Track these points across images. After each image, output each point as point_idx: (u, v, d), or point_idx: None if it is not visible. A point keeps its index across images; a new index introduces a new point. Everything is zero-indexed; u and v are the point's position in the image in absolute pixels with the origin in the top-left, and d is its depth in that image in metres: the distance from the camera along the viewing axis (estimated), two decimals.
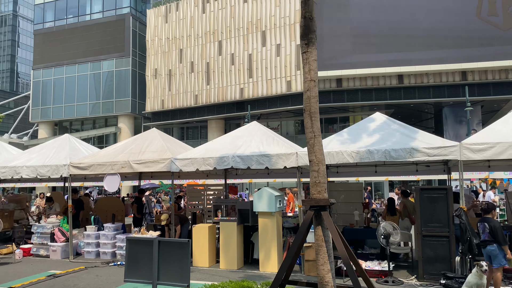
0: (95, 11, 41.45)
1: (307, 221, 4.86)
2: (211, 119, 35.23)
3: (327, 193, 5.06)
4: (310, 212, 4.84)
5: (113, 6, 40.71)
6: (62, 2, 43.04)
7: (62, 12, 42.88)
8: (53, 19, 43.19)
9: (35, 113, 43.38)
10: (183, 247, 4.27)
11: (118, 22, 40.05)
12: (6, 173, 11.45)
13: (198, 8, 35.03)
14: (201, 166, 9.50)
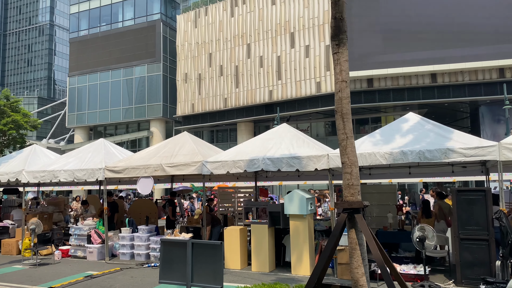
0: (127, 18, 42.55)
1: (340, 224, 4.80)
2: (240, 122, 35.43)
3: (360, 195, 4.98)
4: (343, 215, 4.78)
5: (144, 13, 41.66)
6: (96, 11, 44.42)
7: (96, 21, 44.25)
8: (87, 27, 44.64)
9: (71, 119, 44.89)
10: (216, 249, 4.30)
11: (149, 29, 40.95)
12: (45, 177, 11.89)
13: (227, 12, 35.35)
14: (232, 168, 9.56)
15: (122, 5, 42.84)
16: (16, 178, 12.28)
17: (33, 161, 13.02)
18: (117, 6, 43.17)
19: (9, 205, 15.71)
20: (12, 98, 37.00)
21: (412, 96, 27.81)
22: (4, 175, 12.45)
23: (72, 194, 37.75)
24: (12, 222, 13.30)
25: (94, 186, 19.40)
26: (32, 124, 37.58)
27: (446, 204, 9.71)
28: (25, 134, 37.27)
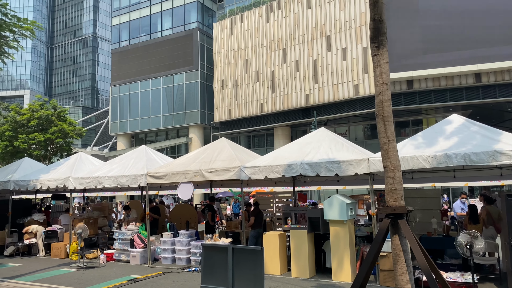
0: (166, 28, 43.70)
1: (383, 230, 4.68)
2: (277, 127, 35.42)
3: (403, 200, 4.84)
4: (386, 221, 4.66)
5: (182, 22, 42.65)
6: (136, 22, 45.93)
7: (136, 31, 45.75)
8: (128, 38, 46.22)
9: (114, 127, 46.50)
10: (257, 255, 4.30)
11: (187, 37, 41.86)
12: (90, 183, 12.36)
13: (262, 18, 35.56)
14: (270, 173, 9.56)
15: (161, 15, 44.08)
16: (63, 184, 12.84)
17: (79, 168, 13.57)
18: (156, 16, 44.46)
19: (57, 210, 16.43)
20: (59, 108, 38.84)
21: (455, 97, 26.81)
22: (53, 181, 13.05)
23: (115, 199, 39.02)
24: (60, 227, 13.89)
25: (136, 191, 19.96)
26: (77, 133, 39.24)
27: (495, 209, 9.26)
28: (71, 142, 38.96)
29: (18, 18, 14.05)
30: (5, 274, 10.23)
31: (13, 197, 15.48)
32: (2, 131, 35.55)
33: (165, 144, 43.28)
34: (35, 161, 16.61)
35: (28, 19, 14.56)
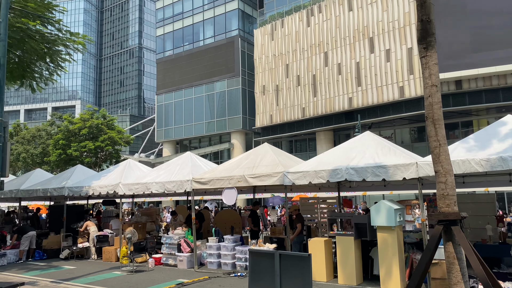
0: (207, 36, 44.61)
1: (436, 237, 4.51)
2: (320, 131, 35.09)
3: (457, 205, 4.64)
4: (439, 227, 4.48)
5: (223, 30, 43.36)
6: (179, 32, 47.21)
7: (179, 41, 47.00)
8: (171, 47, 47.58)
9: (160, 134, 47.88)
10: (304, 261, 4.27)
11: (228, 45, 42.49)
12: (139, 189, 12.78)
13: (303, 22, 35.46)
14: (314, 179, 9.47)
15: (203, 24, 45.05)
16: (114, 190, 13.35)
17: (128, 175, 14.07)
18: (198, 25, 45.49)
19: (108, 215, 17.10)
20: (108, 117, 40.55)
21: (509, 97, 25.43)
22: (104, 187, 13.61)
23: (162, 204, 40.08)
24: (111, 231, 14.44)
25: (182, 197, 20.38)
26: (125, 140, 40.78)
27: None
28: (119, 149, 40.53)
29: (71, 33, 14.82)
30: (61, 276, 10.76)
31: (67, 203, 16.27)
32: (57, 139, 37.57)
33: (208, 150, 44.02)
34: (87, 168, 17.40)
35: (79, 33, 15.36)
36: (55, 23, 14.32)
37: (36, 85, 16.10)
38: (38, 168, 19.71)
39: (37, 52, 14.12)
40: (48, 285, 9.54)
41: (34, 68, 15.49)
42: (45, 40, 14.28)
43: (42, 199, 20.14)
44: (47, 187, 14.97)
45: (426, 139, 30.45)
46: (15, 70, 14.59)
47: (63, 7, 15.19)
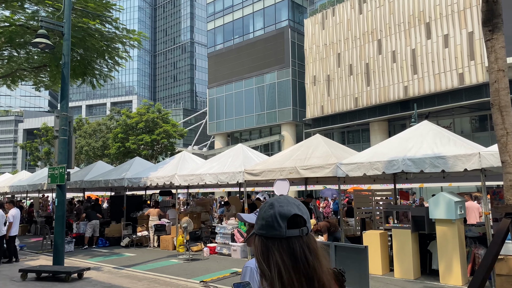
0: (257, 28, 44.67)
1: (503, 230, 4.25)
2: (373, 122, 34.13)
3: None
4: (506, 220, 4.22)
5: (273, 21, 43.22)
6: (229, 25, 47.67)
7: (230, 34, 47.48)
8: (222, 41, 48.18)
9: (212, 127, 48.84)
10: (361, 253, 4.20)
11: (278, 36, 42.31)
12: (193, 180, 13.15)
13: (355, 9, 34.50)
14: (368, 170, 9.25)
15: (253, 16, 45.15)
16: (170, 181, 13.83)
17: (183, 166, 14.51)
18: (248, 18, 45.67)
19: (164, 205, 17.75)
20: (163, 111, 41.93)
21: None
22: (161, 178, 14.13)
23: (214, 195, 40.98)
24: (168, 221, 14.98)
25: (234, 188, 20.71)
26: (179, 133, 42.00)
27: None
28: (174, 142, 41.84)
29: (127, 30, 15.43)
30: (123, 263, 11.34)
31: (126, 193, 17.07)
32: (116, 133, 39.47)
33: (258, 142, 44.31)
34: (145, 160, 18.14)
35: (135, 30, 15.95)
36: (113, 21, 14.95)
37: (96, 82, 16.96)
38: (99, 161, 20.83)
39: (97, 50, 14.85)
40: (111, 271, 10.09)
41: (94, 66, 16.32)
42: (104, 38, 14.98)
43: (104, 189, 21.28)
44: (108, 178, 15.79)
45: (488, 128, 28.68)
46: (77, 67, 15.45)
47: (120, 5, 15.82)
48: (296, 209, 1.35)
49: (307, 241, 1.31)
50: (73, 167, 10.81)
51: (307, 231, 1.32)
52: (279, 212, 1.32)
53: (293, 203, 1.37)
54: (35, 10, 14.63)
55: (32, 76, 18.99)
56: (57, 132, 10.17)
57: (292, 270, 1.26)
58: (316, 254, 1.30)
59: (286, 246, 1.29)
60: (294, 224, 1.31)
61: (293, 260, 1.27)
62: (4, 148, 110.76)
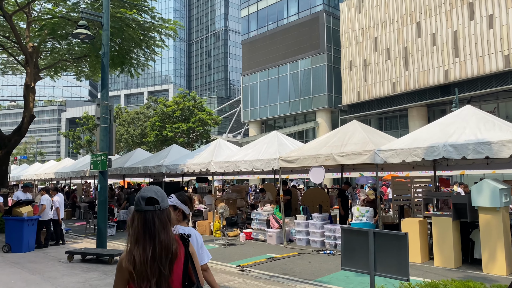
0: (292, 13, 44.12)
1: None
2: (412, 107, 33.16)
3: None
4: None
5: (308, 6, 42.53)
6: (263, 11, 47.32)
7: (263, 21, 47.17)
8: (256, 28, 47.96)
9: (246, 114, 49.02)
10: (401, 240, 4.12)
11: (313, 21, 41.63)
12: (229, 167, 13.28)
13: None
14: (407, 157, 9.02)
15: (287, 1, 44.59)
16: (206, 168, 14.04)
17: (218, 153, 14.68)
18: (282, 3, 45.15)
19: (201, 191, 18.08)
20: (198, 99, 42.44)
21: None
22: (197, 165, 14.37)
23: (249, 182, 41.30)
24: (205, 206, 15.27)
25: (269, 175, 20.77)
26: (214, 121, 42.45)
27: None
28: (209, 130, 42.36)
29: (163, 20, 15.64)
30: None
31: (164, 180, 17.50)
32: (153, 121, 40.39)
33: (293, 129, 44.12)
34: (182, 148, 18.48)
35: (171, 19, 16.15)
36: (149, 10, 15.18)
37: (134, 71, 17.37)
38: (139, 148, 21.41)
39: (134, 39, 15.16)
40: None
41: (132, 55, 16.71)
42: (140, 28, 15.27)
43: (143, 176, 21.89)
44: (147, 165, 16.24)
45: None
46: (116, 57, 15.85)
47: None
48: (152, 193, 2.15)
49: (159, 214, 2.12)
50: (114, 154, 11.18)
51: (159, 208, 2.13)
52: (141, 195, 2.15)
53: (152, 190, 2.18)
54: (75, 2, 15.08)
55: (73, 66, 19.69)
56: (98, 120, 10.52)
57: (142, 230, 2.08)
58: (164, 222, 2.12)
59: (142, 216, 2.11)
60: (150, 203, 2.12)
61: (144, 224, 2.09)
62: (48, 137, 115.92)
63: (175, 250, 2.12)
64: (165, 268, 2.07)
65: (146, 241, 2.08)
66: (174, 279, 2.11)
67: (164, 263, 2.08)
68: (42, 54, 17.79)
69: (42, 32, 15.13)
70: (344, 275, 7.89)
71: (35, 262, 9.26)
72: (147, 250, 2.06)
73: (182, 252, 2.19)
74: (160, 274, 2.06)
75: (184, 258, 2.19)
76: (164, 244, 2.09)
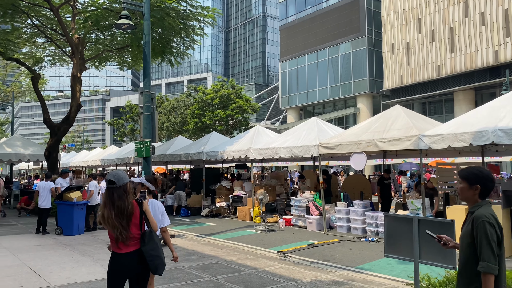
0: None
1: None
2: (458, 91, 31.74)
3: None
4: None
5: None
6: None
7: (302, 5, 46.39)
8: (294, 12, 47.26)
9: (284, 101, 48.75)
10: (447, 227, 3.99)
11: (353, 3, 40.49)
12: (268, 153, 13.32)
13: None
14: (454, 142, 8.66)
15: None
16: (245, 155, 14.15)
17: (257, 140, 14.74)
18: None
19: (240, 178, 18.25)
20: (236, 87, 42.62)
21: None
22: (236, 152, 14.51)
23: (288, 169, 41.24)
24: (244, 193, 15.43)
25: (308, 162, 20.64)
26: (252, 108, 42.54)
27: None
28: (247, 117, 42.52)
29: (202, 7, 15.74)
30: (204, 231, 11.95)
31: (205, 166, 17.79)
32: (193, 109, 41.04)
33: (332, 115, 43.45)
34: (221, 135, 18.70)
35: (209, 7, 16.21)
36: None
37: (174, 60, 17.65)
38: (180, 135, 21.86)
39: (174, 28, 15.37)
40: (194, 238, 10.70)
41: (172, 44, 16.96)
42: (180, 16, 15.44)
43: (184, 162, 22.37)
44: (188, 152, 16.58)
45: None
46: (157, 47, 16.15)
47: None
48: (111, 177, 3.49)
49: (116, 189, 3.46)
50: (157, 142, 11.48)
51: (116, 185, 3.46)
52: (107, 178, 3.52)
53: (111, 175, 3.53)
54: None
55: (116, 56, 20.28)
56: (142, 108, 10.81)
57: (108, 199, 3.46)
58: (120, 194, 3.45)
59: (107, 191, 3.50)
60: (110, 183, 3.47)
61: (107, 195, 3.49)
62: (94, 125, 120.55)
63: (130, 210, 3.51)
64: (122, 221, 3.48)
65: (109, 205, 3.50)
66: (133, 227, 3.55)
67: (121, 218, 3.48)
68: (87, 45, 18.42)
69: (86, 24, 15.65)
70: (386, 262, 7.77)
71: (85, 245, 9.75)
72: (110, 210, 3.48)
73: (137, 211, 3.59)
74: (121, 224, 3.48)
75: (140, 214, 3.60)
76: (120, 207, 3.48)
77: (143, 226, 3.61)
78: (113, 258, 3.63)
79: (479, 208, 2.65)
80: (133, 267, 3.56)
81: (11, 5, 14.78)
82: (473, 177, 2.71)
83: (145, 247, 3.55)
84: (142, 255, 3.55)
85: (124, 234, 3.47)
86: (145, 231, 3.60)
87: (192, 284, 6.31)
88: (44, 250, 9.12)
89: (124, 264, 3.56)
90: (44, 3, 15.80)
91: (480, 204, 2.67)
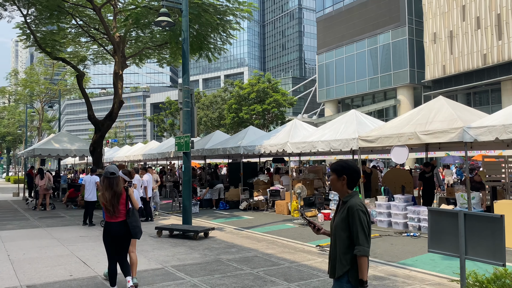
0: None
1: None
2: (506, 80, 30.21)
3: None
4: None
5: None
6: None
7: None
8: (331, 4, 46.50)
9: (321, 94, 48.20)
10: (496, 223, 3.83)
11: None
12: (305, 147, 13.23)
13: None
14: (502, 134, 8.27)
15: None
16: (282, 149, 14.13)
17: (294, 134, 14.67)
18: None
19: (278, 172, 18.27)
20: (272, 81, 42.55)
21: None
22: (273, 146, 14.51)
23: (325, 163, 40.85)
24: (282, 187, 15.44)
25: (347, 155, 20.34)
26: (289, 102, 42.33)
27: None
28: (284, 111, 42.38)
29: (239, 2, 15.77)
30: (242, 224, 12.08)
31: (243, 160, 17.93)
32: (230, 104, 41.37)
33: (372, 108, 42.54)
34: (258, 129, 18.75)
35: (245, 1, 16.22)
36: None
37: (212, 55, 17.82)
38: (217, 130, 22.13)
39: (211, 24, 15.50)
40: (233, 231, 10.83)
41: (209, 40, 17.13)
42: (217, 12, 15.55)
43: (222, 157, 22.64)
44: (226, 146, 16.76)
45: None
46: (194, 43, 16.36)
47: None
48: (112, 169, 5.41)
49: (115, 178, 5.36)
50: (196, 136, 11.68)
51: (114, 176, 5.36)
52: (107, 170, 5.41)
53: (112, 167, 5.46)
54: None
55: (156, 53, 20.74)
56: (181, 104, 11.02)
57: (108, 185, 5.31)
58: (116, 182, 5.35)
59: (107, 179, 5.34)
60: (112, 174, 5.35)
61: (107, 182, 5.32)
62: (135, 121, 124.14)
63: (120, 193, 5.31)
64: (116, 200, 5.27)
65: (109, 190, 5.25)
66: (121, 205, 5.33)
67: (116, 199, 5.27)
68: (128, 43, 18.95)
69: (127, 22, 16.09)
70: (429, 258, 7.56)
71: None
72: (110, 193, 5.24)
73: (124, 194, 5.38)
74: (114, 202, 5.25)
75: (126, 196, 5.39)
76: (116, 192, 5.27)
77: (128, 204, 5.40)
78: (106, 225, 5.36)
79: (351, 198, 2.92)
80: (120, 232, 5.31)
81: (57, 6, 15.44)
82: (340, 168, 2.98)
83: (130, 219, 5.34)
84: (127, 224, 5.33)
85: (116, 209, 5.26)
86: (129, 208, 5.39)
87: (232, 276, 6.40)
88: (91, 241, 9.53)
89: (114, 229, 5.30)
90: (87, 3, 16.37)
91: (352, 195, 2.95)
